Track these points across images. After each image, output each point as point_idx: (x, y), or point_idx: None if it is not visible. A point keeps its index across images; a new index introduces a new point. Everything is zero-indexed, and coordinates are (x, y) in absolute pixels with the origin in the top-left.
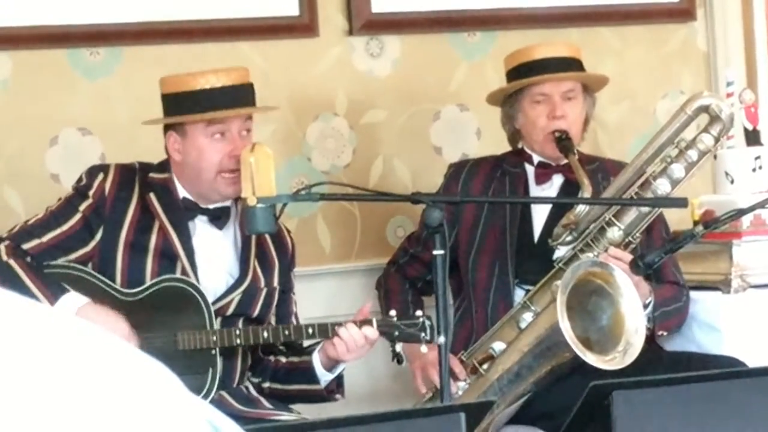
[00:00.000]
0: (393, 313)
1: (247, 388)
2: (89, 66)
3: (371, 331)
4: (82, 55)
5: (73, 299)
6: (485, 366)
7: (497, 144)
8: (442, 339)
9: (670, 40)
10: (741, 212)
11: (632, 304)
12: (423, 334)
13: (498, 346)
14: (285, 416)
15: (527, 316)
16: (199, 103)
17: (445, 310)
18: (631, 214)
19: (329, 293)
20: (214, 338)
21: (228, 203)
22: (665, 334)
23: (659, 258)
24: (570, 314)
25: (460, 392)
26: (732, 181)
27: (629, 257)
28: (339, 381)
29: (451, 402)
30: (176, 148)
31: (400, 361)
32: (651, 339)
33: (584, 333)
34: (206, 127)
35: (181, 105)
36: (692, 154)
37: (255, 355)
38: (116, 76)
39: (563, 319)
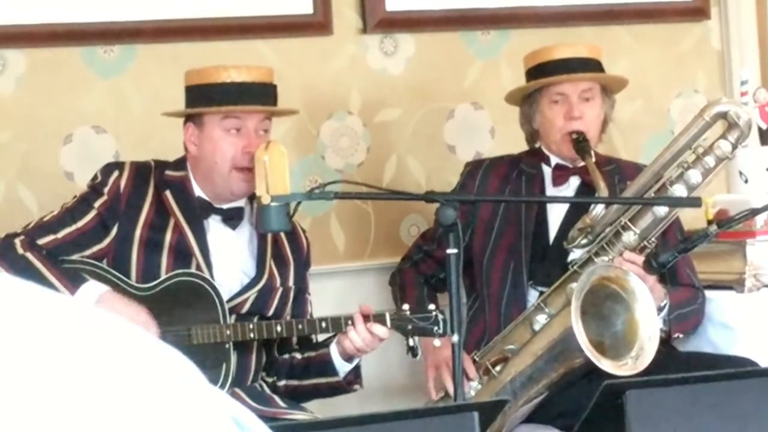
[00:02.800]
0: (406, 307)
1: (261, 386)
2: (103, 64)
3: (380, 329)
4: (96, 53)
5: (93, 288)
6: (498, 367)
7: (511, 142)
8: (455, 337)
9: (685, 39)
10: (755, 211)
11: (647, 310)
12: (436, 328)
13: (511, 347)
14: (298, 415)
15: (541, 318)
16: (218, 96)
17: (459, 309)
18: (647, 218)
19: (342, 292)
20: (228, 332)
21: (242, 203)
22: (681, 336)
23: (673, 257)
24: (584, 318)
25: (473, 392)
26: (746, 181)
27: (642, 260)
28: (357, 371)
29: (465, 401)
30: (193, 140)
31: (414, 354)
32: (665, 339)
33: (598, 337)
34: (222, 120)
35: (201, 97)
36: (709, 160)
37: (270, 354)
38: (130, 74)
39: (577, 324)
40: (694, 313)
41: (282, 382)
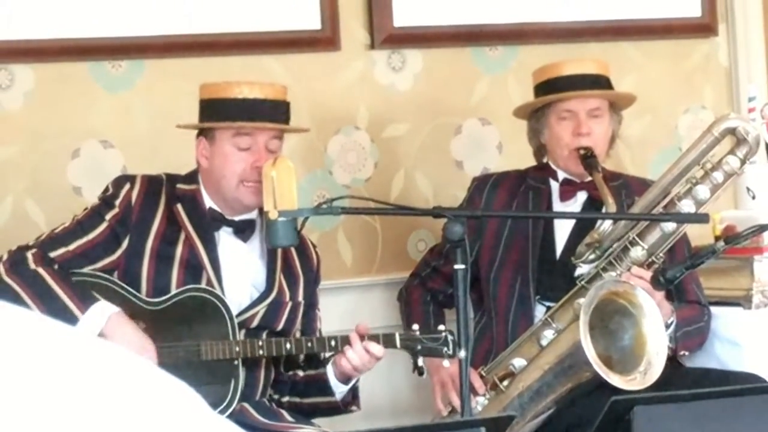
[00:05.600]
0: (416, 327)
1: (269, 401)
2: (111, 79)
3: (376, 348)
4: (104, 68)
5: (103, 308)
6: (505, 382)
7: (519, 158)
8: (462, 353)
9: (692, 56)
10: (762, 228)
11: (655, 324)
12: (445, 349)
13: (518, 362)
14: (306, 429)
15: (548, 334)
16: (230, 111)
17: (466, 325)
18: (655, 234)
19: (350, 307)
20: (237, 349)
21: (253, 216)
22: (687, 354)
23: (680, 273)
24: (592, 333)
25: (480, 408)
26: (753, 197)
27: (650, 276)
28: (354, 393)
29: (472, 416)
30: (204, 154)
31: (421, 373)
32: (672, 356)
33: (606, 352)
34: (233, 136)
35: (213, 112)
36: (718, 175)
37: (276, 371)
38: (138, 89)
39: (586, 339)
40: (700, 331)
41: (285, 399)
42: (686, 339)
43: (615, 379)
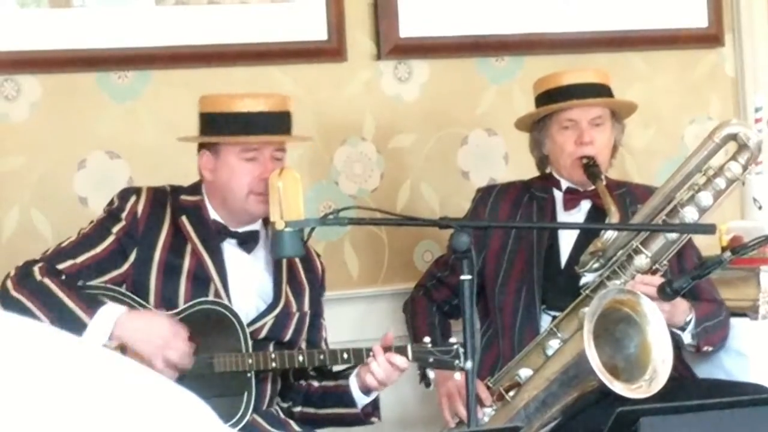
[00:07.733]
0: (427, 339)
1: (277, 411)
2: (117, 89)
3: (401, 360)
4: (110, 79)
5: (111, 310)
6: (511, 393)
7: (525, 169)
8: (469, 364)
9: (698, 66)
10: None
11: (660, 332)
12: (457, 362)
13: (524, 372)
14: None
15: (554, 343)
16: (235, 126)
17: (472, 336)
18: (659, 242)
19: (356, 317)
20: (250, 361)
21: (257, 227)
22: (711, 349)
23: (687, 283)
24: (597, 342)
25: (486, 419)
26: (760, 207)
27: (659, 281)
28: (375, 404)
29: (478, 427)
30: (208, 167)
31: (428, 384)
32: (679, 365)
33: (611, 361)
34: (239, 150)
35: (217, 126)
36: (720, 182)
37: (285, 380)
38: (144, 100)
39: (590, 348)
40: (722, 325)
41: (298, 409)
42: (708, 334)
43: (619, 388)
